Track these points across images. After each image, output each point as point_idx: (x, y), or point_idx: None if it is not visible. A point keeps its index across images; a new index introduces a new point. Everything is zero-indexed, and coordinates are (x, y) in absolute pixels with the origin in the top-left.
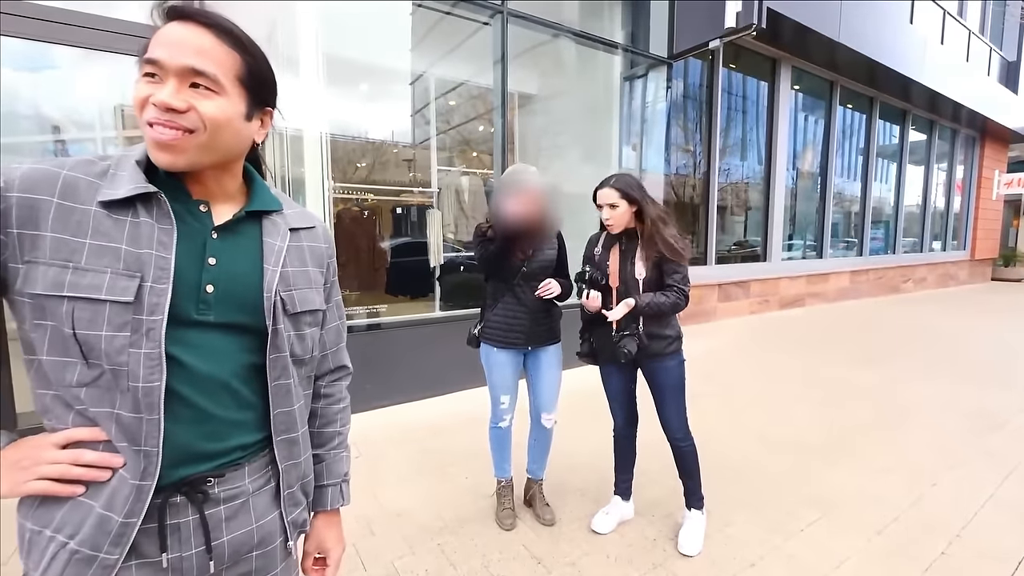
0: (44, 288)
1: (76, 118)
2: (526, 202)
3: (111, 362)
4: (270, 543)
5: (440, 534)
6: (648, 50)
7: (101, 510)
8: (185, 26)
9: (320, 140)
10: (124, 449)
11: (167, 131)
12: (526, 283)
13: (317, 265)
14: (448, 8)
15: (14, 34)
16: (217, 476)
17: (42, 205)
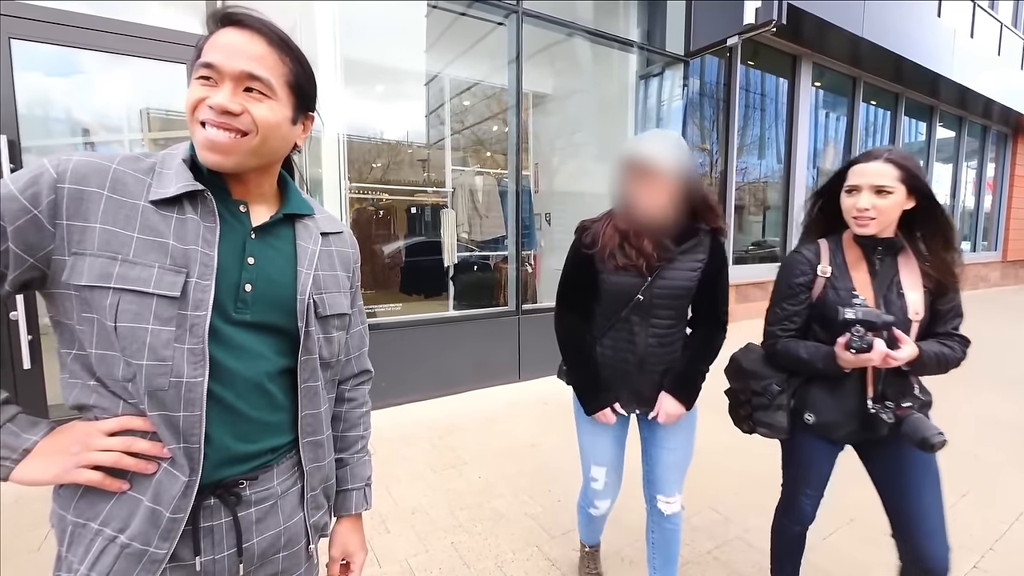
0: (90, 280)
1: (105, 121)
2: (652, 188)
3: (156, 356)
4: (295, 544)
5: (454, 532)
6: (664, 48)
7: (150, 504)
8: (240, 32)
9: (338, 141)
10: (169, 446)
11: (221, 133)
12: (643, 318)
13: (344, 269)
14: (463, 9)
15: (45, 40)
16: (250, 479)
17: (92, 197)
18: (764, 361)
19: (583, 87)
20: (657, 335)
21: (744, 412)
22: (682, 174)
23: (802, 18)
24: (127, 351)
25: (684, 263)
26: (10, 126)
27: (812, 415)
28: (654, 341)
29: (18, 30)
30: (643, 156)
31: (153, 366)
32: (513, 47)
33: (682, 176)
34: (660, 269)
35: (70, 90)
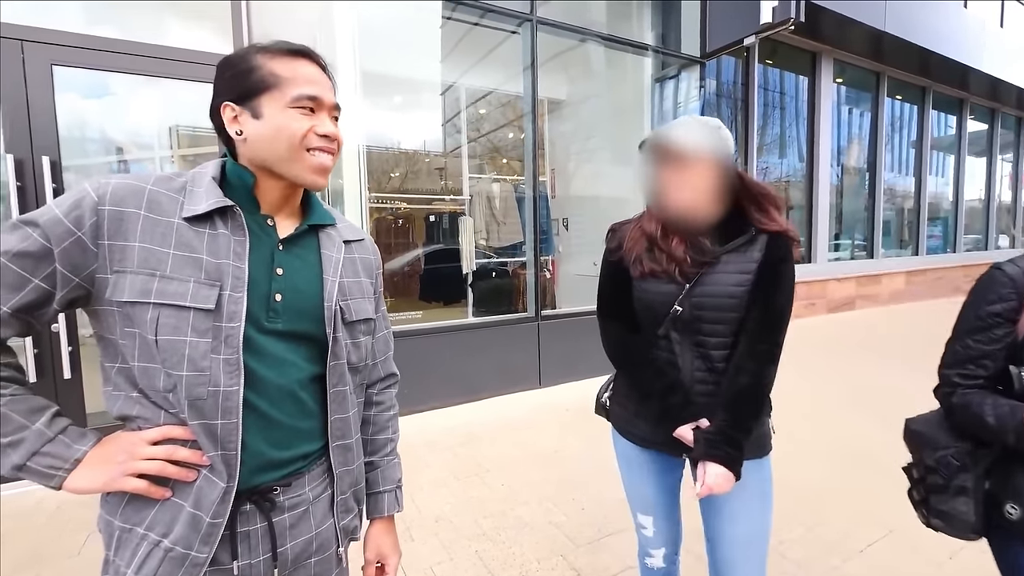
0: (131, 296)
1: (136, 139)
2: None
3: (195, 367)
4: (327, 549)
5: (478, 541)
6: (679, 50)
7: (191, 509)
8: (315, 67)
9: (358, 152)
10: (208, 454)
11: (329, 157)
12: (685, 336)
13: (367, 276)
14: (476, 19)
15: (83, 65)
16: (283, 485)
17: (131, 217)
18: (941, 422)
19: (597, 92)
20: (705, 357)
21: (918, 495)
22: (720, 159)
23: (821, 14)
24: (167, 363)
25: (731, 266)
26: (52, 147)
27: (1016, 507)
28: (701, 365)
29: (59, 56)
30: (671, 140)
31: (192, 376)
32: (528, 55)
33: (720, 162)
34: (701, 274)
35: (103, 111)
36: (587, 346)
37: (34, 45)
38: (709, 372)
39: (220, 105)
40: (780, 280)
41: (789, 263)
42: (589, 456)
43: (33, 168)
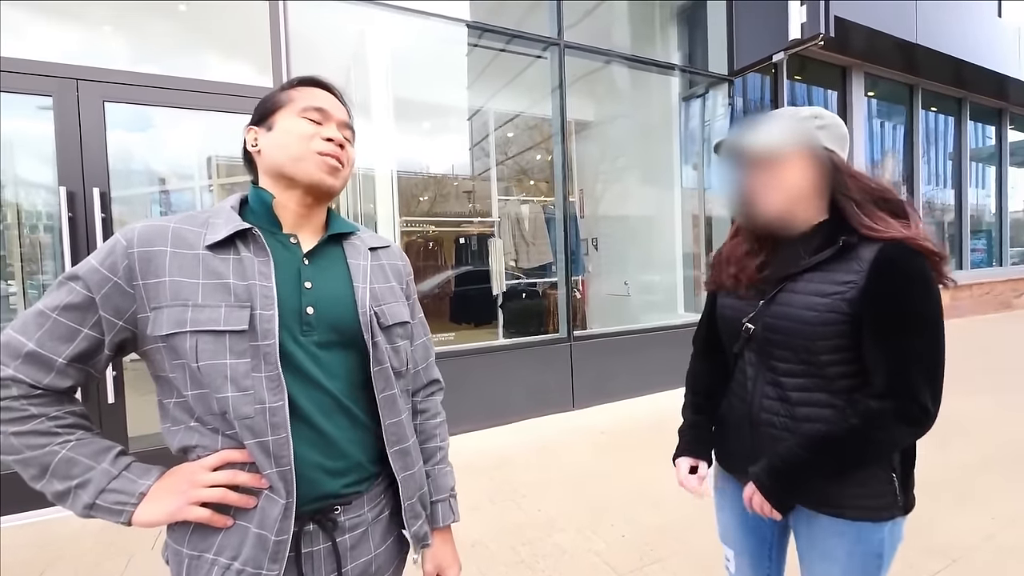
0: (169, 328)
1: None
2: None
3: (239, 387)
4: (385, 571)
5: (516, 568)
6: (707, 68)
7: (256, 530)
8: (330, 96)
9: (391, 178)
10: (265, 472)
11: (333, 160)
12: (760, 358)
13: (397, 281)
14: (503, 45)
15: (134, 101)
16: (343, 503)
17: (158, 255)
18: None
19: (624, 112)
20: (776, 384)
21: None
22: (806, 152)
23: (850, 29)
24: (212, 386)
25: (811, 284)
26: (102, 179)
27: None
28: (772, 392)
29: (111, 94)
30: (743, 138)
31: (238, 396)
32: (555, 78)
33: (807, 156)
34: (779, 291)
35: (146, 144)
36: (620, 367)
37: (88, 83)
38: (780, 402)
39: (246, 132)
40: (899, 305)
41: (916, 282)
42: (625, 480)
43: (84, 199)
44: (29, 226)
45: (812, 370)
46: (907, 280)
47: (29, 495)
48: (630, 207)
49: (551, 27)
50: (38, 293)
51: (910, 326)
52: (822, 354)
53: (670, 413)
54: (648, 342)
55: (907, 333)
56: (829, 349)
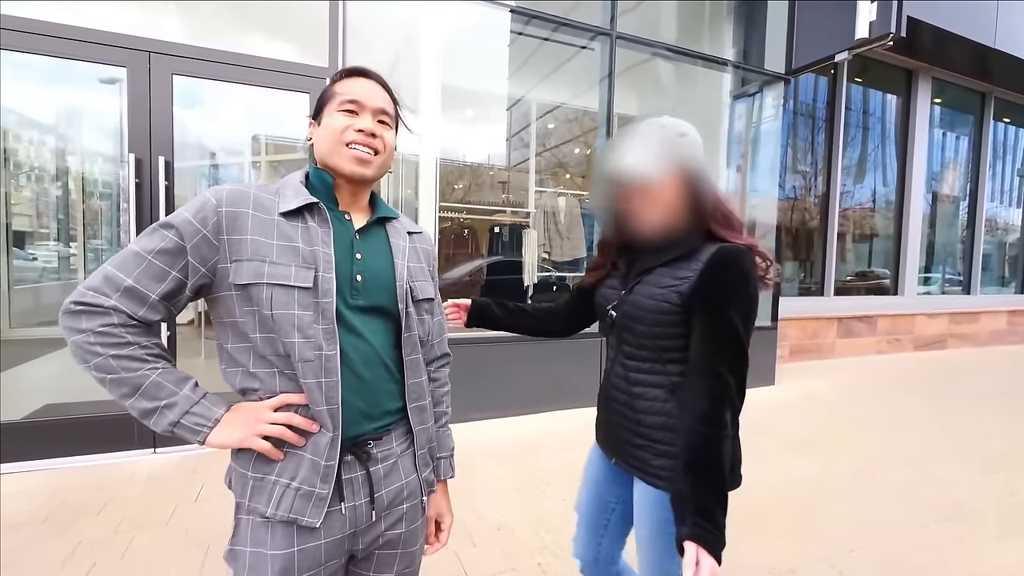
0: (249, 278)
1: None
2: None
3: (303, 335)
4: (415, 498)
5: (540, 553)
6: (762, 66)
7: (311, 457)
8: (368, 82)
9: (435, 165)
10: (317, 408)
11: (366, 150)
12: (617, 341)
13: (426, 262)
14: (547, 34)
15: (200, 75)
16: (375, 439)
17: (243, 216)
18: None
19: (669, 108)
20: (626, 366)
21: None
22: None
23: (920, 29)
24: (282, 332)
25: (657, 279)
26: (167, 149)
27: None
28: (620, 371)
29: (180, 67)
30: (623, 161)
31: (302, 342)
32: (604, 68)
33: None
34: (636, 284)
35: (197, 119)
36: None
37: (159, 56)
38: (624, 380)
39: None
40: (716, 294)
41: (736, 278)
42: None
43: (150, 167)
44: (89, 193)
45: (649, 354)
46: (729, 275)
47: (84, 440)
48: None
49: (602, 16)
50: (96, 256)
51: (722, 310)
52: (658, 339)
53: None
54: None
55: (720, 318)
56: (663, 335)
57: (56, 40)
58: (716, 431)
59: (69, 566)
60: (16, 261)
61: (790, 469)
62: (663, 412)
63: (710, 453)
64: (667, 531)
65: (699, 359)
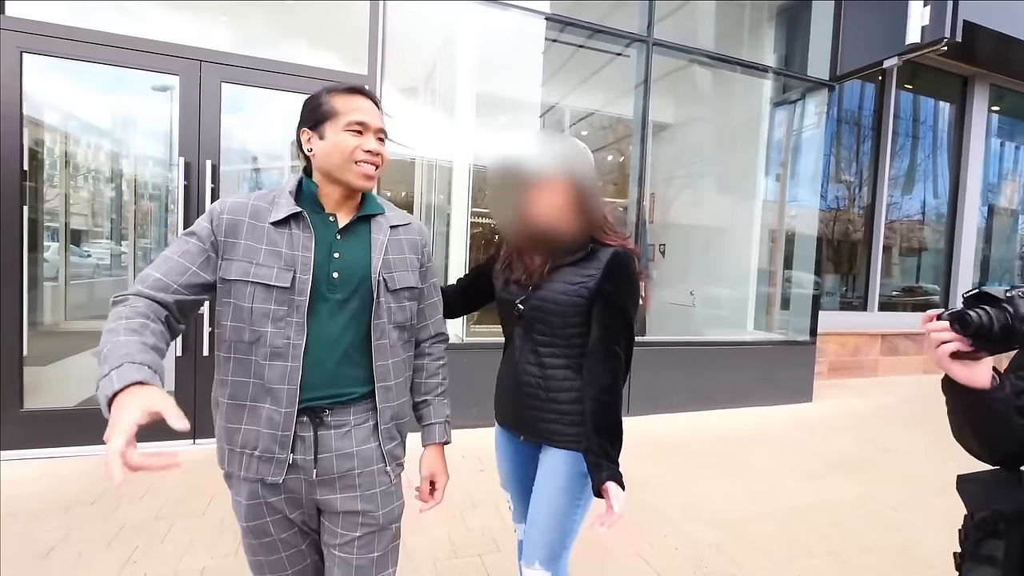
0: (237, 275)
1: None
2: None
3: (276, 326)
4: (369, 465)
5: None
6: (805, 72)
7: (267, 431)
8: (368, 102)
9: (468, 171)
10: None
11: (372, 167)
12: (525, 333)
13: (413, 252)
14: (582, 41)
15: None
16: (330, 408)
17: (240, 223)
18: (988, 482)
19: (706, 115)
20: (535, 353)
21: (956, 560)
22: (574, 178)
23: (977, 34)
24: (257, 323)
25: (565, 276)
26: (214, 153)
27: None
28: (532, 358)
29: (229, 75)
30: (523, 160)
31: (274, 332)
32: (640, 75)
33: (574, 181)
34: (544, 282)
35: (240, 125)
36: (679, 379)
37: (209, 65)
38: (537, 366)
39: (300, 130)
40: (623, 292)
41: (628, 276)
42: (678, 493)
43: (198, 171)
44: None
45: (560, 341)
46: (624, 275)
47: None
48: (703, 216)
49: (639, 23)
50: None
51: (620, 302)
52: (568, 328)
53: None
54: (712, 356)
55: (617, 308)
56: (573, 324)
57: (114, 50)
58: (616, 399)
59: (114, 546)
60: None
61: (829, 490)
62: (572, 388)
63: (613, 415)
64: (576, 483)
65: (600, 341)
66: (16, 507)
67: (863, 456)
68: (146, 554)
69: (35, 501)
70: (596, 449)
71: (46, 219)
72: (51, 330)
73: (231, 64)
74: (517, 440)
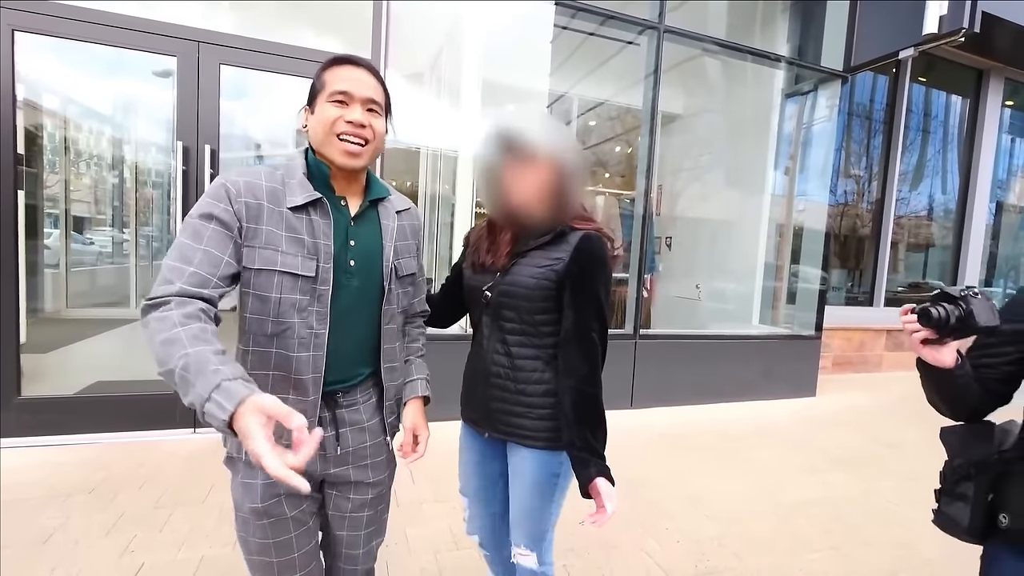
0: (263, 264)
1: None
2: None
3: (301, 316)
4: (376, 437)
5: (565, 556)
6: (819, 63)
7: None
8: (357, 70)
9: (473, 160)
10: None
11: (356, 141)
12: (493, 320)
13: (413, 237)
14: (592, 28)
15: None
16: (345, 392)
17: (261, 207)
18: (963, 435)
19: (716, 107)
20: (503, 340)
21: (935, 498)
22: (565, 161)
23: (995, 26)
24: (283, 314)
25: (533, 259)
26: (213, 138)
27: (1006, 517)
28: (500, 348)
29: (227, 57)
30: (523, 135)
31: (300, 323)
32: (650, 64)
33: (565, 164)
34: (512, 265)
35: (243, 111)
36: (684, 371)
37: (208, 46)
38: (505, 356)
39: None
40: (595, 275)
41: (600, 259)
42: (681, 486)
43: (196, 156)
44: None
45: (529, 329)
46: (595, 258)
47: (129, 417)
48: (711, 209)
49: (651, 10)
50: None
51: (591, 287)
52: (537, 314)
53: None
54: (717, 350)
55: (590, 293)
56: (541, 310)
57: (109, 29)
58: (597, 388)
59: (113, 535)
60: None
61: (831, 485)
62: (543, 380)
63: (596, 407)
64: (549, 483)
65: (574, 328)
66: (15, 495)
67: (866, 451)
68: (144, 543)
69: (34, 489)
70: (579, 443)
71: (47, 205)
72: (52, 317)
73: (230, 46)
74: (482, 438)
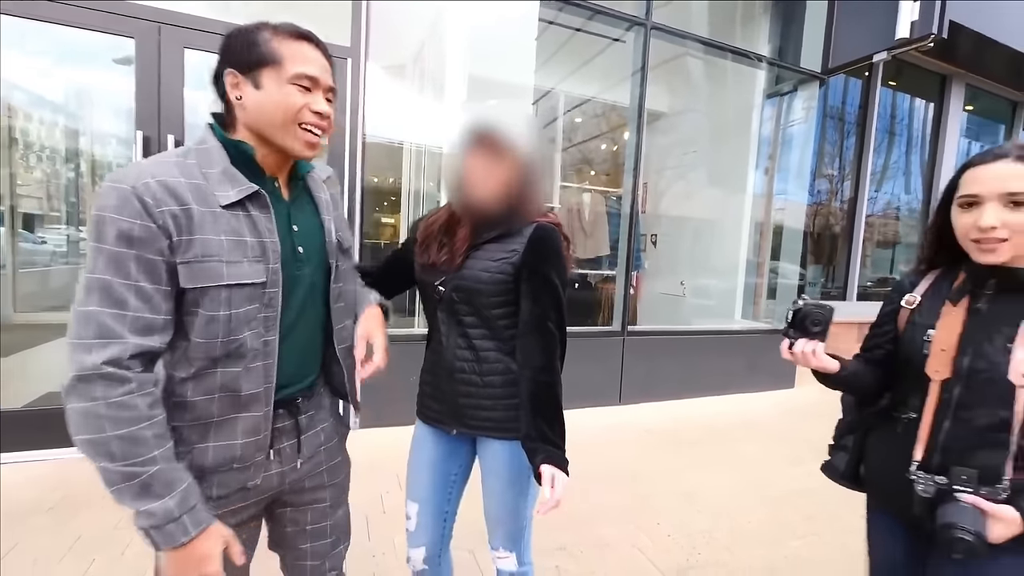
0: (207, 281)
1: None
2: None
3: (251, 328)
4: (332, 439)
5: (556, 555)
6: (799, 64)
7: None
8: (317, 51)
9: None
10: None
11: (318, 132)
12: (449, 316)
13: (339, 207)
14: (579, 25)
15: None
16: (306, 396)
17: (189, 212)
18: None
19: (700, 106)
20: (465, 335)
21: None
22: (534, 158)
23: (959, 34)
24: (235, 331)
25: (488, 253)
26: (178, 127)
27: (864, 467)
28: (462, 343)
29: (192, 40)
30: (496, 129)
31: (251, 335)
32: (637, 61)
33: (534, 161)
34: (467, 259)
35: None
36: (671, 367)
37: (170, 28)
38: (469, 350)
39: (224, 71)
40: (552, 267)
41: (554, 250)
42: (671, 481)
43: (159, 146)
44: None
45: (487, 321)
46: (549, 247)
47: None
48: (695, 207)
49: (636, 7)
50: None
51: (547, 276)
52: (494, 308)
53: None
54: (702, 345)
55: (546, 283)
56: (498, 304)
57: (59, 6)
58: (554, 378)
59: (68, 560)
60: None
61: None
62: (507, 371)
63: (552, 396)
64: (524, 475)
65: (531, 319)
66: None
67: None
68: (104, 568)
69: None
70: (533, 434)
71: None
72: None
73: (193, 28)
74: (448, 435)
